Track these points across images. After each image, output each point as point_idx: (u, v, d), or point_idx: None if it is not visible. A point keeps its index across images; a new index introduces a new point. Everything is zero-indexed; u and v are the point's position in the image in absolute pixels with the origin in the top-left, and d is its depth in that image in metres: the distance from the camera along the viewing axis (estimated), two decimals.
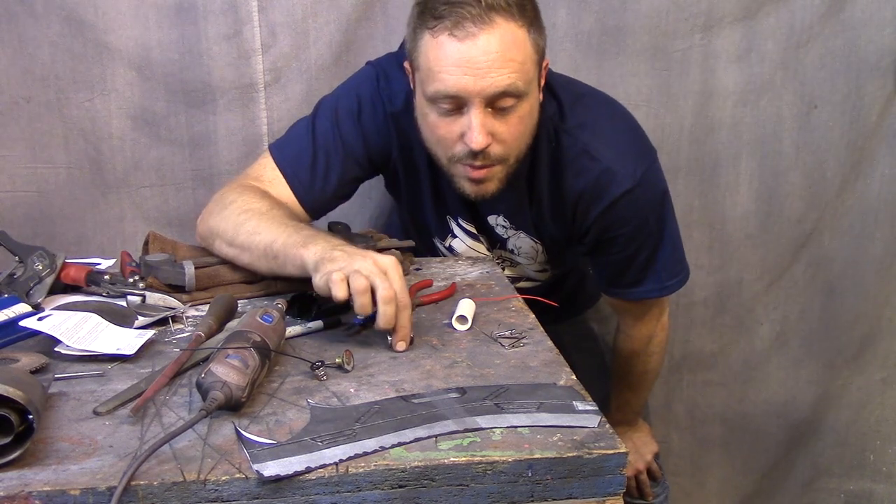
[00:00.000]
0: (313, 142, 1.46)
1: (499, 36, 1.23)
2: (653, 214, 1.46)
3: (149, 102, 1.75)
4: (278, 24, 1.74)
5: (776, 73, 1.94)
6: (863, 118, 1.98)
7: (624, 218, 1.43)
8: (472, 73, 1.24)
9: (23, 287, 1.28)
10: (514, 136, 1.32)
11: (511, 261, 1.60)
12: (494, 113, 1.28)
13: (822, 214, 2.06)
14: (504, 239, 1.54)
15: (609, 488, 0.93)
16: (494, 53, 1.23)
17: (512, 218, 1.51)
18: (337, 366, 1.10)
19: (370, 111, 1.46)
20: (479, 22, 1.22)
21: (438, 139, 1.34)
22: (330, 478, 0.87)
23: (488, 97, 1.26)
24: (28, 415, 0.87)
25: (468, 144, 1.29)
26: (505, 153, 1.33)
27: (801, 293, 2.13)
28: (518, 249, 1.56)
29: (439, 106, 1.29)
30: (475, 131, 1.27)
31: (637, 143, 1.46)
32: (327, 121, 1.47)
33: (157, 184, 1.80)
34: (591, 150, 1.39)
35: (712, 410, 2.20)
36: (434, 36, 1.25)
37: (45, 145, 1.74)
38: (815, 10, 1.90)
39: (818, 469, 2.26)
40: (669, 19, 1.87)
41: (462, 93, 1.25)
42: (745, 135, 1.98)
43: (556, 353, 1.16)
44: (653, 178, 1.44)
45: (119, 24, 1.69)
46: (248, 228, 1.31)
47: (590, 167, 1.40)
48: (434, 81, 1.27)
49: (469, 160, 1.32)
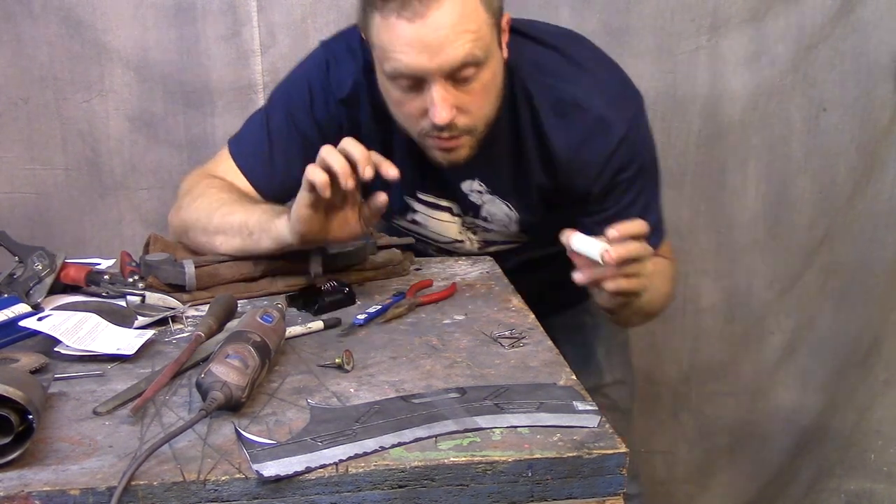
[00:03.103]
0: (268, 136, 1.46)
1: (448, 9, 1.21)
2: (648, 154, 1.43)
3: (147, 103, 1.75)
4: (277, 24, 1.74)
5: (785, 75, 1.92)
6: (873, 121, 1.96)
7: (623, 164, 1.39)
8: (426, 51, 1.22)
9: (23, 287, 1.28)
10: (478, 104, 1.30)
11: (483, 228, 1.56)
12: (456, 84, 1.26)
13: (832, 220, 2.04)
14: (478, 206, 1.51)
15: (609, 488, 0.92)
16: (446, 28, 1.21)
17: (489, 182, 1.47)
18: (337, 366, 1.10)
19: (322, 100, 1.45)
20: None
21: (404, 116, 1.34)
22: (330, 478, 0.87)
23: (446, 72, 1.24)
24: (28, 415, 0.87)
25: (432, 119, 1.28)
26: (472, 123, 1.31)
27: (813, 301, 2.11)
28: (491, 216, 1.52)
29: (399, 83, 1.28)
30: (437, 107, 1.25)
31: (623, 85, 1.42)
32: (281, 112, 1.47)
33: (156, 186, 1.80)
34: (579, 100, 1.36)
35: (721, 421, 2.18)
36: (384, 18, 1.23)
37: (42, 147, 1.74)
38: (824, 12, 1.88)
39: (820, 470, 2.25)
40: (675, 20, 1.86)
41: (419, 71, 1.24)
42: (753, 138, 1.97)
43: (556, 353, 1.16)
44: (644, 118, 1.41)
45: (117, 25, 1.69)
46: (222, 212, 1.34)
47: (580, 118, 1.36)
48: (389, 61, 1.26)
49: (436, 132, 1.30)
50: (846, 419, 2.21)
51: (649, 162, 1.45)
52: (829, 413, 2.20)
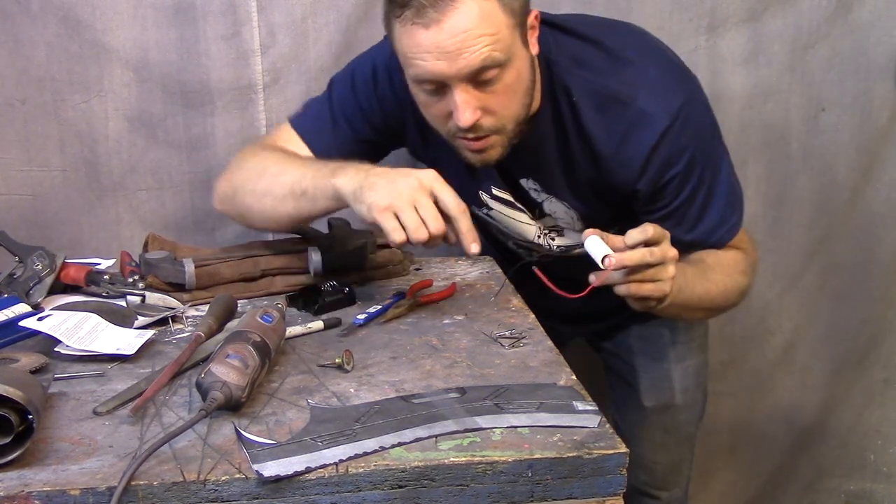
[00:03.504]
0: (331, 108, 1.46)
1: (464, 14, 1.20)
2: (701, 143, 1.37)
3: (146, 104, 1.74)
4: (277, 24, 1.74)
5: (783, 75, 1.91)
6: (872, 121, 1.95)
7: (670, 158, 1.34)
8: (444, 57, 1.22)
9: (23, 287, 1.28)
10: (503, 104, 1.29)
11: (557, 228, 1.53)
12: (478, 86, 1.25)
13: (832, 220, 2.02)
14: (539, 203, 1.49)
15: (609, 488, 0.93)
16: (463, 33, 1.20)
17: (542, 181, 1.46)
18: (337, 366, 1.10)
19: (386, 80, 1.45)
20: (442, 5, 1.19)
21: (432, 118, 1.33)
22: (330, 478, 0.87)
23: (465, 76, 1.23)
24: (28, 415, 0.87)
25: (457, 122, 1.27)
26: (498, 122, 1.30)
27: (812, 301, 2.09)
28: (553, 214, 1.50)
29: (423, 87, 1.28)
30: (460, 110, 1.25)
31: (669, 73, 1.38)
32: (344, 89, 1.47)
33: (154, 187, 1.79)
34: (618, 94, 1.33)
35: (721, 421, 2.17)
36: (402, 25, 1.23)
37: (40, 148, 1.73)
38: (822, 12, 1.87)
39: (820, 470, 2.25)
40: (673, 20, 1.85)
41: (439, 77, 1.24)
42: (752, 139, 1.95)
43: (556, 353, 1.16)
44: (693, 111, 1.35)
45: (116, 25, 1.68)
46: (272, 171, 1.33)
47: (620, 113, 1.33)
48: (411, 67, 1.26)
49: (463, 134, 1.30)
50: (845, 419, 2.20)
51: (704, 151, 1.38)
52: (828, 412, 2.19)
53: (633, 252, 1.14)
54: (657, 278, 1.18)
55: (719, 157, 1.41)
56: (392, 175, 1.21)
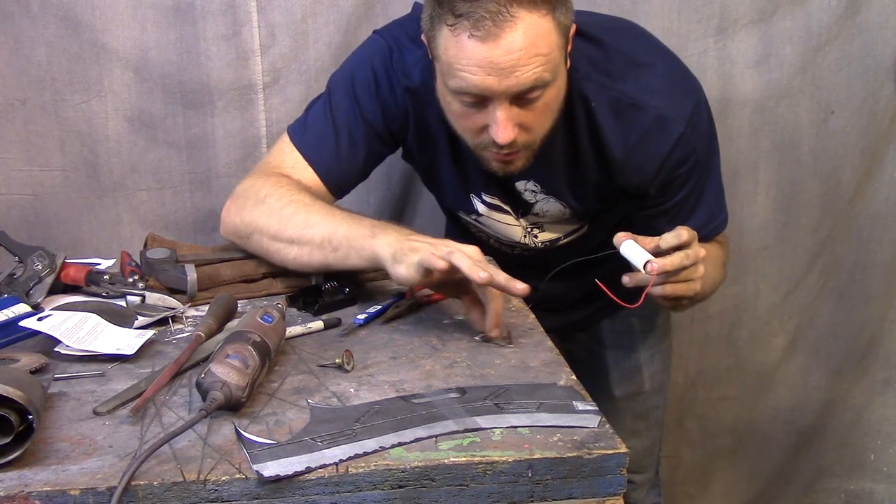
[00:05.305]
0: (333, 122, 1.43)
1: (522, 32, 1.18)
2: (706, 147, 1.41)
3: (146, 104, 1.74)
4: (277, 24, 1.74)
5: (794, 78, 1.88)
6: (877, 122, 1.93)
7: (681, 160, 1.37)
8: (495, 74, 1.19)
9: (23, 287, 1.28)
10: (539, 122, 1.28)
11: (540, 225, 1.54)
12: (520, 103, 1.24)
13: (835, 222, 2.01)
14: (531, 204, 1.49)
15: (609, 488, 0.93)
16: (519, 52, 1.18)
17: (545, 183, 1.45)
18: (337, 366, 1.10)
19: (387, 84, 1.42)
20: (501, 20, 1.16)
21: (463, 128, 1.32)
22: (330, 478, 0.87)
23: (513, 94, 1.22)
24: (28, 415, 0.87)
25: (494, 138, 1.26)
26: (531, 139, 1.29)
27: (813, 301, 2.09)
28: (544, 213, 1.50)
29: (462, 98, 1.26)
30: (500, 127, 1.23)
31: (681, 77, 1.40)
32: (345, 97, 1.44)
33: (154, 187, 1.79)
34: (635, 99, 1.34)
35: (724, 423, 2.17)
36: (454, 34, 1.20)
37: (40, 148, 1.73)
38: (831, 13, 1.84)
39: (820, 470, 2.24)
40: (681, 20, 1.82)
41: (486, 92, 1.22)
42: (763, 143, 1.92)
43: (556, 353, 1.16)
44: (701, 113, 1.39)
45: (116, 25, 1.68)
46: (297, 222, 1.30)
47: (637, 118, 1.34)
48: (455, 78, 1.23)
49: (496, 149, 1.28)
50: (843, 418, 2.20)
51: (707, 154, 1.41)
52: (829, 413, 2.19)
53: (674, 257, 1.17)
54: (690, 278, 1.21)
55: (715, 154, 1.45)
56: (431, 239, 1.21)
